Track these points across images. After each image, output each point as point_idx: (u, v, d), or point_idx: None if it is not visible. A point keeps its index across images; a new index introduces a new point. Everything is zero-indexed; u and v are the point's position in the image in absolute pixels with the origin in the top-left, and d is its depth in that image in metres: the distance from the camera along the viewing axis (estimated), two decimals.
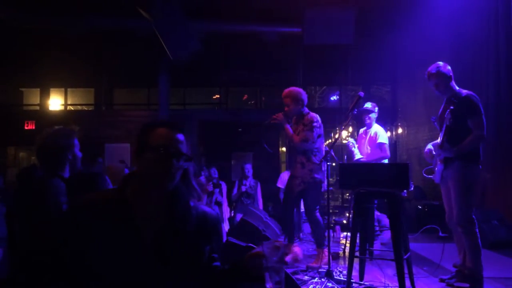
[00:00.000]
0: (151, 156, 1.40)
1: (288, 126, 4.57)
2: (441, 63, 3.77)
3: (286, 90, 4.62)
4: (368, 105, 5.34)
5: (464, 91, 3.70)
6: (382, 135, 5.23)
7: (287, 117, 4.61)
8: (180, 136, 1.45)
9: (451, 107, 3.51)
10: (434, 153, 3.82)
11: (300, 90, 4.61)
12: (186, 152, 1.45)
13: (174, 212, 1.44)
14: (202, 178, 6.40)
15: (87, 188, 2.11)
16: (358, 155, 5.31)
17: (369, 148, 5.28)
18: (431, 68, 3.77)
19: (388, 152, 5.19)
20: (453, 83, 3.74)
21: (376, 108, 5.36)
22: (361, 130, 5.54)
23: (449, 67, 3.75)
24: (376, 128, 5.30)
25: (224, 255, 1.61)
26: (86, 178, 2.16)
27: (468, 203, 3.53)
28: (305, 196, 4.56)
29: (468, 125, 3.55)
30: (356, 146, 5.40)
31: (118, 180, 4.49)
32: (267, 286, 1.43)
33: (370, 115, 5.30)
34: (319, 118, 4.54)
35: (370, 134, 5.30)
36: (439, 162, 3.70)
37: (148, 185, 1.42)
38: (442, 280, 3.81)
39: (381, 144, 5.17)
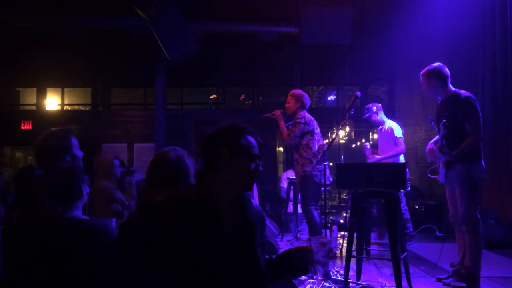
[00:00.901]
0: (245, 162, 1.56)
1: (282, 122, 4.79)
2: (436, 63, 3.73)
3: (293, 90, 4.97)
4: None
5: (463, 92, 3.66)
6: (397, 129, 5.35)
7: (284, 115, 4.83)
8: (254, 141, 1.60)
9: (444, 120, 3.53)
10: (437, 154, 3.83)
11: (305, 94, 4.85)
12: None
13: (246, 206, 1.62)
14: None
15: (63, 183, 2.09)
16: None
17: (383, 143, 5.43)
18: (422, 70, 3.78)
19: (403, 147, 5.31)
20: (449, 84, 3.69)
21: (375, 107, 5.45)
22: (378, 128, 5.69)
23: (445, 70, 3.68)
24: (390, 123, 5.44)
25: None
26: (62, 173, 2.12)
27: (473, 201, 3.53)
28: (300, 190, 4.76)
29: (465, 127, 3.55)
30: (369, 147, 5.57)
31: (107, 170, 4.43)
32: (315, 277, 1.53)
33: (371, 116, 5.50)
34: (307, 116, 4.68)
35: (384, 129, 5.44)
36: (441, 165, 3.69)
37: (239, 185, 1.58)
38: (439, 280, 3.81)
39: (396, 138, 5.28)
